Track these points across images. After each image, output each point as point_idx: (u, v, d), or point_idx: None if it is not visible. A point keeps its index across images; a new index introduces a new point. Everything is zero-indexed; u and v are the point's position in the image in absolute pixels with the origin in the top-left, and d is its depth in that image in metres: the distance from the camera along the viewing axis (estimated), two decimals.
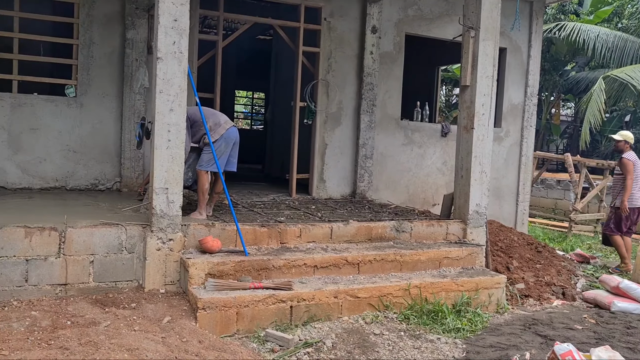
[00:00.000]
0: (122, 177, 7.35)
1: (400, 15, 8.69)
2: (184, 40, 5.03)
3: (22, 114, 6.91)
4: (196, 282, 4.88)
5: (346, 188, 8.55)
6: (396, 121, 8.85)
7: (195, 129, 5.71)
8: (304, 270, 5.33)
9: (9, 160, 6.85)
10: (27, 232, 4.74)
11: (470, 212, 6.48)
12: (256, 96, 18.10)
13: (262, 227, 5.61)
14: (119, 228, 5.07)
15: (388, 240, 6.21)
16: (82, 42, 7.11)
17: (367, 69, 8.38)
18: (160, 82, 4.98)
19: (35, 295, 4.76)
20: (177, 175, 5.09)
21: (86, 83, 7.17)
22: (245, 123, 18.99)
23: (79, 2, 7.08)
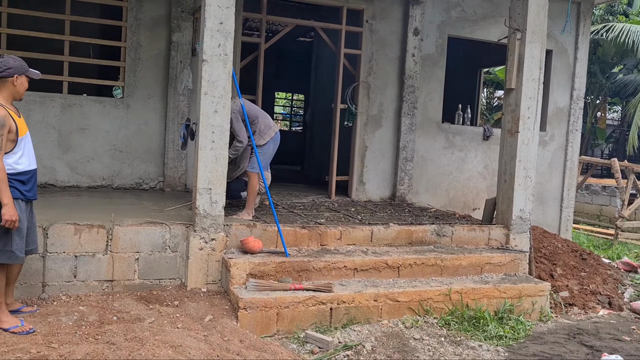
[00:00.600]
0: (165, 176, 7.50)
1: (443, 17, 8.60)
2: (229, 42, 5.10)
3: (71, 114, 7.13)
4: (237, 282, 4.94)
5: (386, 191, 8.51)
6: (437, 124, 8.77)
7: (253, 128, 5.86)
8: (344, 273, 5.33)
9: (58, 159, 7.07)
10: (76, 229, 4.89)
11: (514, 218, 6.36)
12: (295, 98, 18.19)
13: (303, 229, 5.64)
14: (163, 227, 5.18)
15: (428, 244, 6.16)
16: (129, 44, 7.29)
17: (408, 71, 8.32)
18: (205, 84, 5.06)
19: (83, 291, 4.90)
20: (220, 176, 5.16)
21: (133, 85, 7.35)
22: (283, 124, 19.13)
23: (127, 5, 7.26)
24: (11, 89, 3.96)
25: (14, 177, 3.89)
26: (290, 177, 10.84)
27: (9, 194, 3.80)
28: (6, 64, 3.93)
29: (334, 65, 8.53)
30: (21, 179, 3.95)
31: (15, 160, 3.92)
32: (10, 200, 3.79)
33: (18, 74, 3.95)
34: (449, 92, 9.08)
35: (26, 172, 4.00)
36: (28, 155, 4.04)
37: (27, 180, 4.00)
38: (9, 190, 3.81)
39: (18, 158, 3.94)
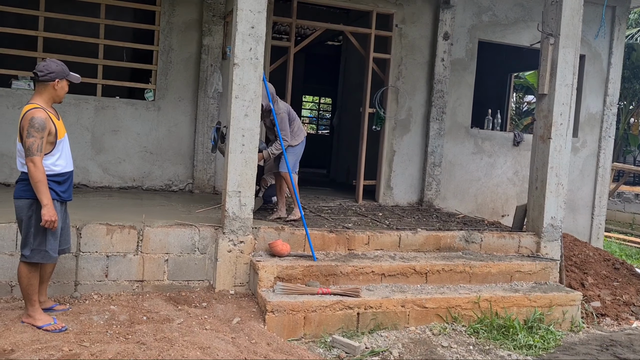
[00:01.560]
0: (195, 178, 7.58)
1: (474, 21, 8.52)
2: (260, 46, 5.14)
3: (104, 116, 7.27)
4: (265, 285, 4.96)
5: (413, 196, 8.46)
6: (466, 129, 8.69)
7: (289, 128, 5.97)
8: (371, 278, 5.31)
9: (91, 160, 7.21)
10: (108, 229, 4.97)
11: (545, 225, 6.26)
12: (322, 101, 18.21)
13: (331, 233, 5.64)
14: (192, 229, 5.23)
15: (457, 251, 6.09)
16: (161, 48, 7.40)
17: (437, 75, 8.27)
18: (236, 88, 5.10)
19: (114, 290, 4.98)
20: (249, 179, 5.20)
21: (164, 87, 7.45)
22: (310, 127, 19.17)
23: (160, 10, 7.37)
24: (52, 93, 4.04)
25: (51, 179, 3.97)
26: (316, 180, 10.85)
27: (48, 195, 3.88)
28: (48, 68, 4.01)
29: (362, 69, 8.52)
30: (58, 180, 4.04)
31: (53, 161, 4.01)
32: (49, 201, 3.88)
33: (59, 78, 4.03)
34: (478, 96, 8.99)
35: (63, 174, 4.09)
36: (65, 157, 4.12)
37: (63, 182, 4.09)
38: (49, 191, 3.90)
39: (56, 160, 4.02)
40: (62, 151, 4.08)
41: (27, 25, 7.18)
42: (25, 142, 3.84)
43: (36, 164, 3.83)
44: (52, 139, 3.97)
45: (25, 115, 3.88)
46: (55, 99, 4.10)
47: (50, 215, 3.87)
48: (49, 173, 3.96)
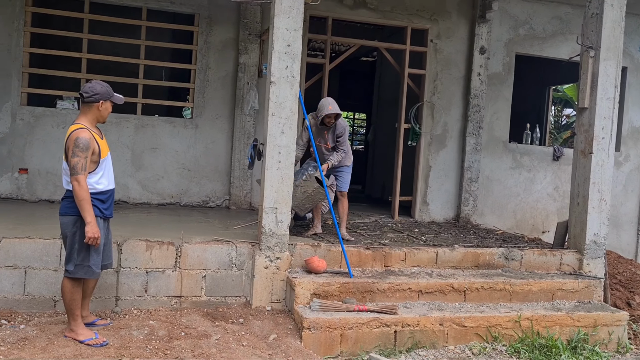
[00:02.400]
0: (231, 195, 7.66)
1: (511, 35, 8.44)
2: (296, 64, 5.19)
3: (144, 134, 7.44)
4: (302, 302, 4.95)
5: (450, 211, 8.36)
6: (504, 144, 8.56)
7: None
8: (408, 295, 5.24)
9: (131, 177, 7.37)
10: (148, 245, 5.06)
11: (587, 242, 6.09)
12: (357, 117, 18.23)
13: (367, 250, 5.61)
14: (229, 245, 5.27)
15: (496, 268, 5.97)
16: (199, 67, 7.55)
17: (474, 90, 8.19)
18: (272, 105, 5.15)
19: (153, 306, 5.04)
20: (286, 196, 5.22)
21: (201, 105, 7.59)
22: None
23: (198, 30, 7.54)
24: (96, 113, 4.16)
25: (95, 196, 4.07)
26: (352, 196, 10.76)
27: (92, 212, 3.98)
28: (94, 89, 4.13)
29: (397, 85, 8.51)
30: (101, 198, 4.14)
31: (97, 180, 4.11)
32: (93, 218, 3.98)
33: (104, 99, 4.14)
34: (516, 110, 8.86)
35: (105, 192, 4.19)
36: (108, 175, 4.22)
37: (106, 199, 4.19)
38: (92, 209, 3.99)
39: (99, 178, 4.13)
40: (105, 170, 4.18)
41: (70, 47, 7.44)
42: (70, 162, 3.95)
43: (80, 183, 3.94)
44: (95, 158, 4.07)
45: (71, 136, 4.00)
46: (100, 119, 4.20)
47: (94, 232, 3.96)
48: (93, 191, 4.06)
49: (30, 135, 7.13)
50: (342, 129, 6.06)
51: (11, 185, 7.10)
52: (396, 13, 8.02)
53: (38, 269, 4.80)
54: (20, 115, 7.10)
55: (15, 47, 7.04)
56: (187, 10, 7.58)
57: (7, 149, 7.08)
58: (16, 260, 4.76)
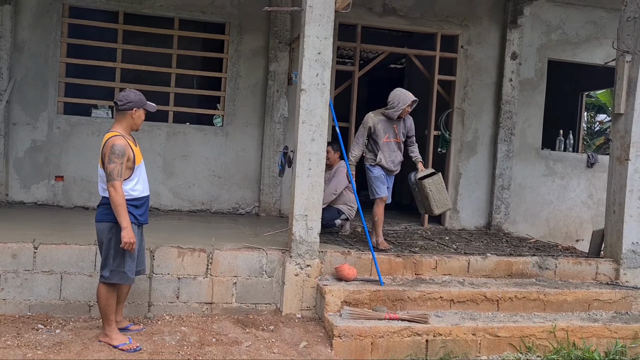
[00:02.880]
0: (261, 202, 7.70)
1: (543, 40, 8.32)
2: (327, 72, 5.20)
3: (175, 142, 7.54)
4: (332, 309, 4.94)
5: (481, 219, 8.25)
6: (536, 151, 8.43)
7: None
8: (439, 304, 5.18)
9: (163, 184, 7.48)
10: (179, 252, 5.11)
11: (624, 251, 5.93)
12: None
13: (397, 257, 5.57)
14: (260, 252, 5.29)
15: (529, 277, 5.86)
16: (230, 75, 7.64)
17: (505, 96, 8.09)
18: (303, 113, 5.17)
19: (184, 312, 5.09)
20: (316, 203, 5.22)
21: (232, 113, 7.67)
22: None
23: (229, 39, 7.63)
24: (130, 121, 4.24)
25: (130, 203, 4.14)
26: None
27: (127, 218, 4.05)
28: (127, 98, 4.21)
29: (426, 92, 8.46)
30: (136, 204, 4.20)
31: (132, 186, 4.18)
32: (128, 224, 4.04)
33: (137, 107, 4.22)
34: (549, 117, 8.72)
35: (140, 198, 4.25)
36: (142, 182, 4.29)
37: (140, 205, 4.25)
38: (128, 215, 4.06)
39: (134, 185, 4.19)
40: (140, 176, 4.25)
41: (105, 57, 7.61)
42: (107, 168, 4.03)
43: (116, 189, 4.01)
44: (130, 165, 4.14)
45: (107, 143, 4.08)
46: (133, 127, 4.28)
47: (129, 238, 4.03)
48: (128, 197, 4.12)
49: (66, 144, 7.29)
50: (411, 120, 6.09)
51: (48, 192, 7.27)
52: (426, 19, 7.99)
53: (74, 274, 4.90)
54: (57, 123, 7.28)
55: (52, 58, 7.23)
56: (218, 20, 7.68)
57: (44, 156, 7.26)
58: (53, 266, 4.87)
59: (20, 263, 4.82)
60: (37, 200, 7.25)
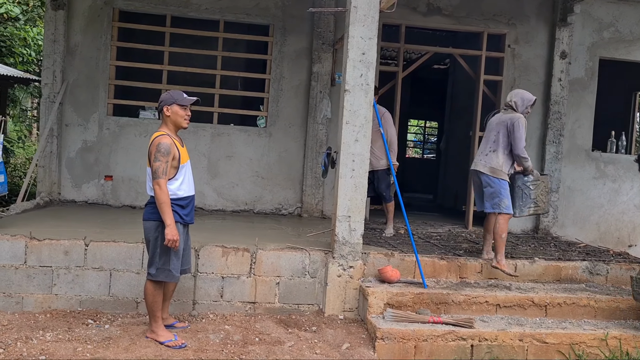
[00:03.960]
0: (303, 202, 7.72)
1: (594, 39, 8.06)
2: (371, 72, 5.17)
3: (220, 142, 7.65)
4: (375, 311, 4.90)
5: (527, 222, 8.05)
6: (586, 152, 8.16)
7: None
8: (485, 308, 5.07)
9: (207, 185, 7.59)
10: (224, 251, 5.18)
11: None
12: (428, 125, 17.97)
13: (441, 260, 5.49)
14: (303, 253, 5.30)
15: (579, 283, 5.68)
16: (273, 76, 7.69)
17: (554, 96, 7.87)
18: (346, 114, 5.15)
19: (228, 311, 5.15)
20: (359, 204, 5.20)
21: (275, 114, 7.72)
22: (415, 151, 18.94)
23: (272, 40, 7.69)
24: (168, 120, 4.29)
25: (175, 202, 4.21)
26: (423, 205, 10.66)
27: (171, 215, 4.12)
28: (160, 99, 4.31)
29: (471, 92, 8.31)
30: (181, 204, 4.27)
31: (177, 186, 4.25)
32: (172, 221, 4.11)
33: (167, 105, 4.26)
34: (600, 117, 8.43)
35: (186, 198, 4.32)
36: (188, 181, 4.36)
37: (186, 205, 4.32)
38: (172, 212, 4.13)
39: (179, 184, 4.26)
40: (185, 176, 4.32)
41: (152, 60, 7.78)
42: (153, 166, 4.11)
43: (161, 187, 4.08)
44: (175, 164, 4.21)
45: (153, 142, 4.17)
46: (176, 124, 4.30)
47: (173, 235, 4.09)
48: (173, 197, 4.19)
49: (115, 144, 7.49)
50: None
51: (97, 191, 7.49)
52: (472, 18, 7.86)
53: (122, 271, 5.02)
54: (107, 125, 7.49)
55: (102, 61, 7.45)
56: (262, 22, 7.75)
57: (94, 156, 7.48)
58: (102, 263, 5.00)
59: (71, 259, 4.97)
60: (87, 199, 7.48)
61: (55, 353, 4.05)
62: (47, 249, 4.95)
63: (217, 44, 7.77)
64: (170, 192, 4.17)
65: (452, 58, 9.38)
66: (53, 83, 7.26)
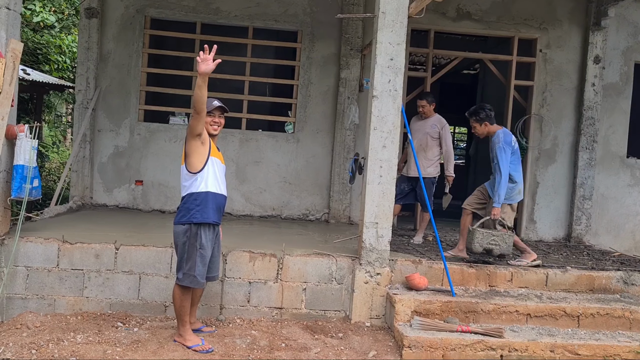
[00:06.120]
0: (330, 208, 7.71)
1: (629, 43, 7.87)
2: (399, 78, 5.14)
3: (248, 148, 7.70)
4: (402, 319, 4.85)
5: (559, 231, 7.88)
6: (621, 159, 7.96)
7: None
8: (515, 318, 4.98)
9: (235, 190, 7.64)
10: (251, 256, 5.19)
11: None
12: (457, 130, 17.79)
13: (470, 268, 5.41)
14: (330, 259, 5.29)
15: (613, 293, 5.53)
16: (301, 82, 7.72)
17: (587, 102, 7.70)
18: (374, 120, 5.13)
19: (254, 316, 5.16)
20: (387, 211, 5.16)
21: (303, 120, 7.74)
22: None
23: (301, 46, 7.72)
24: None
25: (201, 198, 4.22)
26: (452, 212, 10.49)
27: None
28: None
29: (501, 97, 8.20)
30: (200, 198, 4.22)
31: (205, 178, 4.23)
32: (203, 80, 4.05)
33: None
34: (635, 123, 8.21)
35: (214, 194, 4.29)
36: (216, 179, 4.32)
37: (212, 202, 4.27)
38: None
39: (207, 177, 4.24)
40: (214, 172, 4.29)
41: (183, 66, 7.89)
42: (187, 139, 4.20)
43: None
44: (205, 151, 4.21)
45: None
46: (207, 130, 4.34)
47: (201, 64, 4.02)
48: (201, 190, 4.21)
49: (146, 149, 7.61)
50: None
51: (128, 195, 7.61)
52: (502, 23, 7.75)
53: (151, 275, 5.08)
54: (138, 130, 7.61)
55: (134, 68, 7.58)
56: (290, 28, 7.79)
57: (125, 162, 7.61)
58: (132, 266, 5.07)
59: (102, 263, 5.06)
60: (118, 203, 7.60)
61: (85, 355, 4.11)
62: (78, 252, 5.04)
63: (246, 50, 7.83)
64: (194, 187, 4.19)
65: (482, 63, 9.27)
66: (86, 90, 7.42)
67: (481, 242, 5.44)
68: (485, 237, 5.45)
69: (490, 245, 5.45)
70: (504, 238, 5.47)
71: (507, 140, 5.61)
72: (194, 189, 4.23)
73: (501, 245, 5.47)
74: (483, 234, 5.45)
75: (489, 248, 5.46)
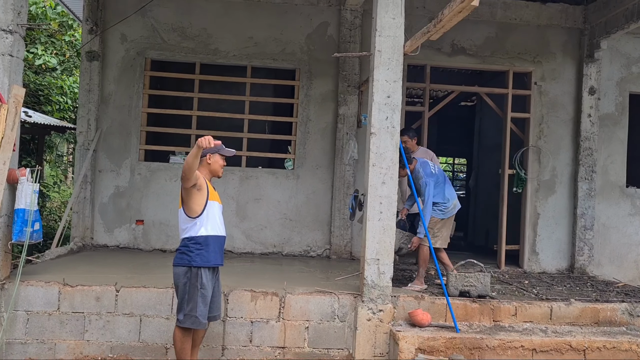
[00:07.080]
0: (332, 244, 7.69)
1: (623, 74, 7.98)
2: (396, 115, 5.19)
3: (248, 185, 7.72)
4: (406, 356, 4.79)
5: (562, 262, 7.84)
6: (620, 188, 7.98)
7: None
8: (520, 353, 4.91)
9: (236, 227, 7.63)
10: (252, 295, 5.16)
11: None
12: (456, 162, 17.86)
13: (474, 303, 5.36)
14: (332, 296, 5.25)
15: (619, 325, 5.47)
16: (300, 119, 7.79)
17: (584, 132, 7.77)
18: (373, 156, 5.16)
19: (257, 356, 5.10)
20: (388, 247, 5.15)
21: (302, 156, 7.78)
22: None
23: (299, 84, 7.82)
24: (208, 168, 4.36)
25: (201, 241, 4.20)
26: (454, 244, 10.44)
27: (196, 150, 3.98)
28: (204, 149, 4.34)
29: (499, 129, 8.27)
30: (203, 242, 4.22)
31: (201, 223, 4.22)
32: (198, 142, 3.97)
33: (210, 153, 4.35)
34: (633, 153, 8.25)
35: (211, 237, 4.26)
36: (213, 221, 4.29)
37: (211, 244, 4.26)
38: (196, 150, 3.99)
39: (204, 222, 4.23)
40: (211, 215, 4.27)
41: (182, 106, 7.98)
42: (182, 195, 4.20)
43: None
44: (202, 200, 4.19)
45: None
46: (212, 172, 4.38)
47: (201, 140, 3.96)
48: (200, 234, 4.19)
49: (146, 189, 7.63)
50: None
51: (129, 235, 7.60)
52: (496, 57, 7.88)
53: (152, 317, 5.04)
54: (138, 170, 7.65)
55: (135, 108, 7.66)
56: (288, 66, 7.90)
57: (126, 202, 7.62)
58: (133, 309, 5.04)
59: (103, 305, 5.02)
60: (119, 243, 7.59)
61: None
62: (79, 295, 5.02)
63: (245, 89, 7.93)
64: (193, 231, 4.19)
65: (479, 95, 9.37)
66: (87, 131, 7.48)
67: (456, 285, 5.44)
68: (459, 279, 5.46)
69: (465, 287, 5.44)
70: (478, 278, 5.47)
71: (427, 173, 5.78)
72: (193, 233, 4.23)
73: (477, 285, 5.46)
74: (456, 276, 5.46)
75: (464, 290, 5.44)
